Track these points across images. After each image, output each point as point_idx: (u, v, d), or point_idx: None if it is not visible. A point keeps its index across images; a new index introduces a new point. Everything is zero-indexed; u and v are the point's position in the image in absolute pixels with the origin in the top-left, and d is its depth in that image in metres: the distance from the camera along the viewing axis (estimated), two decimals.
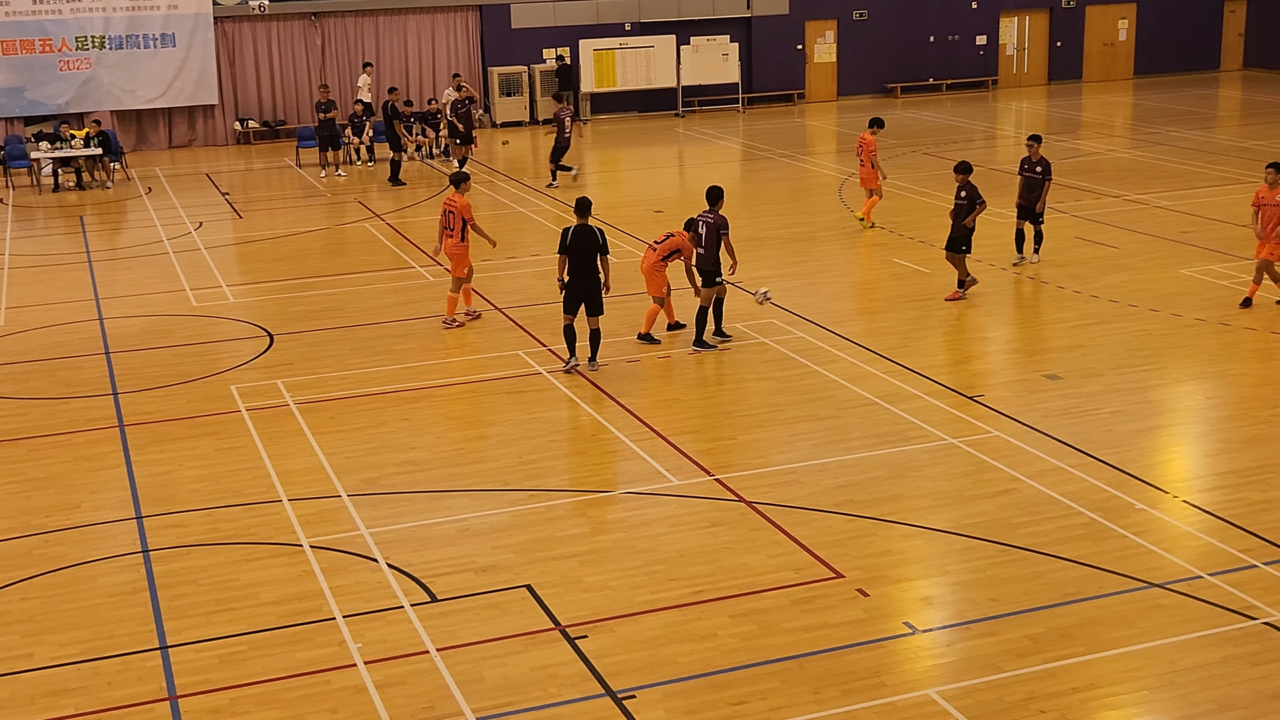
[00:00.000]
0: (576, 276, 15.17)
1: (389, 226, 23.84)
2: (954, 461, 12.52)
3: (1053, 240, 20.65)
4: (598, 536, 11.27)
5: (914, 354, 15.64)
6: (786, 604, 9.95)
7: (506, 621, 9.84)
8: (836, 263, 20.23)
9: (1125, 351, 15.54)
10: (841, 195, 25.18)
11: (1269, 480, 11.85)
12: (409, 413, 14.36)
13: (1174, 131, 31.39)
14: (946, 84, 40.08)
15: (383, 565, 10.78)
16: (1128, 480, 11.93)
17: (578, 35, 36.30)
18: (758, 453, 12.99)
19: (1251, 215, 17.06)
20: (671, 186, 27.96)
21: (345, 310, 18.43)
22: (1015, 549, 10.70)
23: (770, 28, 38.20)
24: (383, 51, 35.34)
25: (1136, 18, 41.70)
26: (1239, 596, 9.79)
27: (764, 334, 16.57)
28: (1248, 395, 14.09)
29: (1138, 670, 8.95)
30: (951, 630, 9.57)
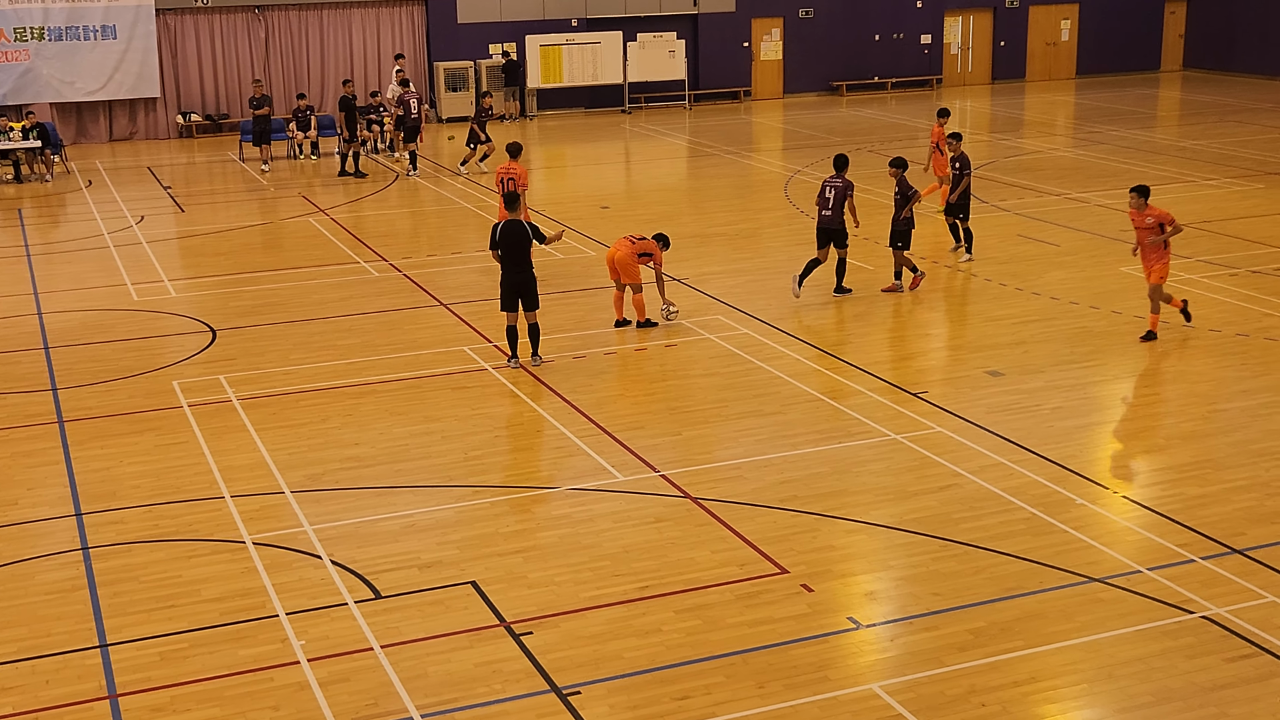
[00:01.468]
0: (509, 271, 15.10)
1: (333, 221, 23.69)
2: (897, 457, 12.60)
3: (995, 238, 20.84)
4: (542, 532, 11.26)
5: (858, 350, 15.73)
6: (731, 599, 9.98)
7: (451, 618, 9.81)
8: (781, 259, 20.30)
9: (1066, 348, 15.70)
10: (787, 192, 25.28)
11: (1206, 476, 12.01)
12: (353, 408, 14.28)
13: (1115, 131, 31.75)
14: (891, 82, 40.32)
15: (326, 562, 10.72)
16: (1068, 476, 12.06)
17: (524, 31, 36.21)
18: (703, 448, 13.02)
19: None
20: (618, 182, 27.96)
21: (289, 305, 18.30)
22: (957, 544, 10.79)
23: (717, 25, 38.27)
24: (326, 45, 35.10)
25: (1079, 18, 42.14)
26: (1176, 590, 9.92)
27: (709, 330, 16.61)
28: (1186, 392, 14.28)
29: (1077, 663, 9.06)
30: (894, 625, 9.63)
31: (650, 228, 22.73)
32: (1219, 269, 18.84)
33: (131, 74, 33.58)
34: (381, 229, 23.28)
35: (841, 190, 17.88)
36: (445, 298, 18.39)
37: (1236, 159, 27.47)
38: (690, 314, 17.30)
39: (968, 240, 19.74)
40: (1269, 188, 24.48)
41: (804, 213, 23.32)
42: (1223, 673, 8.85)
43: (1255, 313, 16.74)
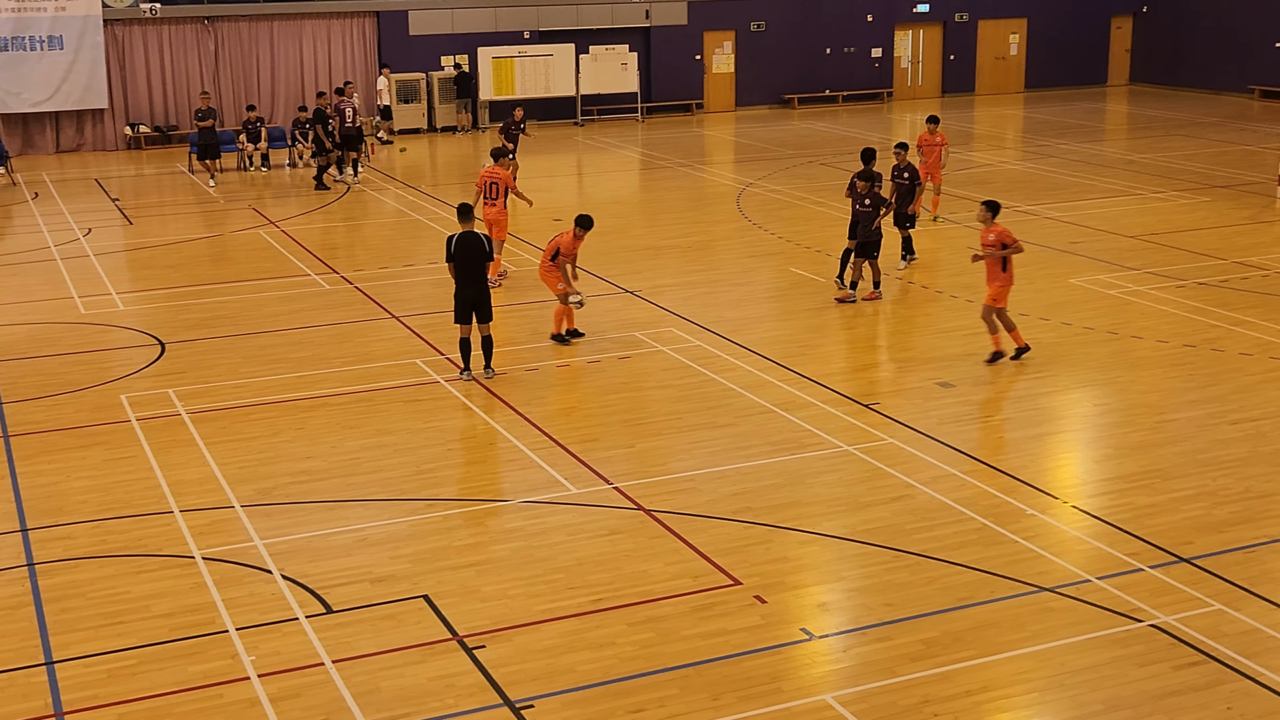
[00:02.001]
0: (463, 284, 15.05)
1: (284, 234, 23.54)
2: (849, 468, 12.65)
3: (945, 250, 21.00)
4: (496, 546, 11.21)
5: (810, 362, 15.78)
6: (685, 611, 9.97)
7: (403, 632, 9.75)
8: (734, 271, 20.36)
9: (1016, 360, 15.81)
10: (739, 205, 25.36)
11: (1155, 485, 12.13)
12: (304, 422, 14.18)
13: (1063, 144, 32.06)
14: (843, 95, 40.56)
15: (277, 576, 10.63)
16: (1019, 486, 12.14)
17: (476, 43, 36.17)
18: (656, 461, 13.02)
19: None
20: (570, 195, 27.95)
21: (239, 318, 18.16)
22: (909, 554, 10.84)
23: (669, 38, 38.38)
24: (277, 57, 34.91)
25: (1027, 33, 42.55)
26: (1126, 599, 10.01)
27: (663, 342, 16.62)
28: (1134, 402, 14.42)
29: (1029, 672, 9.11)
30: (847, 635, 9.66)
31: (603, 241, 22.75)
32: (1166, 281, 19.05)
33: (79, 85, 33.26)
34: (333, 241, 23.16)
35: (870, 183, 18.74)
36: (397, 310, 18.31)
37: (1183, 172, 27.80)
38: (644, 326, 17.31)
39: (905, 248, 20.09)
40: (1215, 201, 24.79)
41: (757, 225, 23.41)
42: (1171, 680, 8.93)
43: (1202, 324, 16.94)
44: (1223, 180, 26.78)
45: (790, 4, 39.50)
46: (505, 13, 36.72)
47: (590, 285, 19.53)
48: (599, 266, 20.57)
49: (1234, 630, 9.51)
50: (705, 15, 38.70)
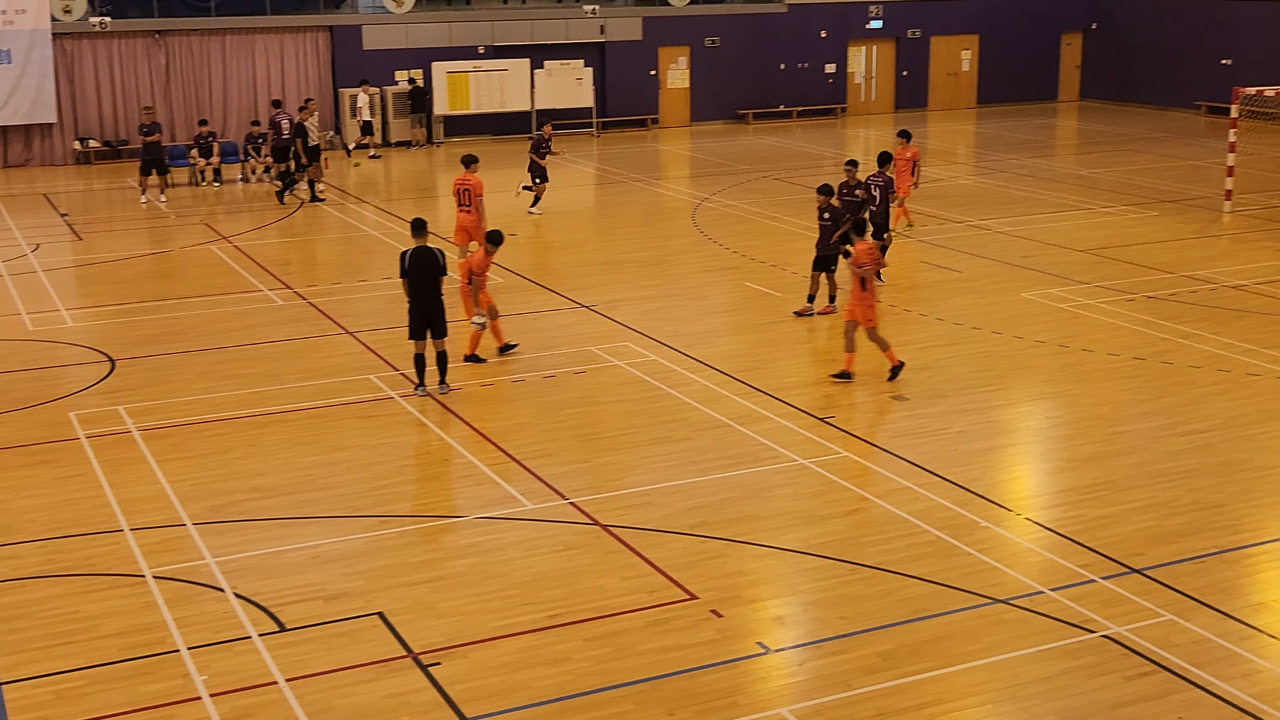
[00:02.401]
0: (419, 299, 14.99)
1: (236, 249, 23.39)
2: (805, 482, 12.68)
3: (899, 264, 21.11)
4: (451, 562, 11.16)
5: (766, 376, 15.82)
6: (641, 626, 9.96)
7: (358, 650, 9.68)
8: (690, 286, 20.39)
9: (969, 373, 15.92)
10: (695, 219, 25.41)
11: (1106, 497, 12.23)
12: (257, 438, 14.08)
13: (1014, 159, 32.34)
14: (797, 111, 40.74)
15: (229, 595, 10.53)
16: (972, 498, 12.21)
17: (431, 57, 36.08)
18: (612, 475, 13.01)
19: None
20: (525, 209, 27.90)
21: (190, 334, 18.01)
22: (865, 567, 10.87)
23: (624, 53, 38.44)
24: (229, 72, 34.69)
25: (979, 49, 42.92)
26: (1079, 610, 10.08)
27: (618, 357, 16.62)
28: (1086, 415, 14.54)
29: (983, 684, 9.15)
30: (803, 649, 9.67)
31: (558, 255, 22.77)
32: (1116, 294, 19.23)
33: (27, 99, 32.89)
34: (286, 256, 23.03)
35: (884, 187, 19.92)
36: (351, 326, 18.22)
37: (1132, 187, 28.10)
38: (599, 341, 17.30)
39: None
40: (1163, 215, 25.07)
41: (712, 240, 23.46)
42: (1123, 691, 8.99)
43: (1152, 337, 17.11)
44: (1170, 195, 27.08)
45: (744, 20, 39.67)
46: (459, 27, 36.68)
47: (545, 300, 19.51)
48: (554, 281, 20.56)
49: (1185, 640, 9.60)
50: (660, 31, 38.80)
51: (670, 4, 38.86)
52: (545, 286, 20.27)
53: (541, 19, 37.47)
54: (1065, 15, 43.43)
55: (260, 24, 34.69)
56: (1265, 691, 8.95)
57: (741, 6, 39.95)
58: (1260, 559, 11.08)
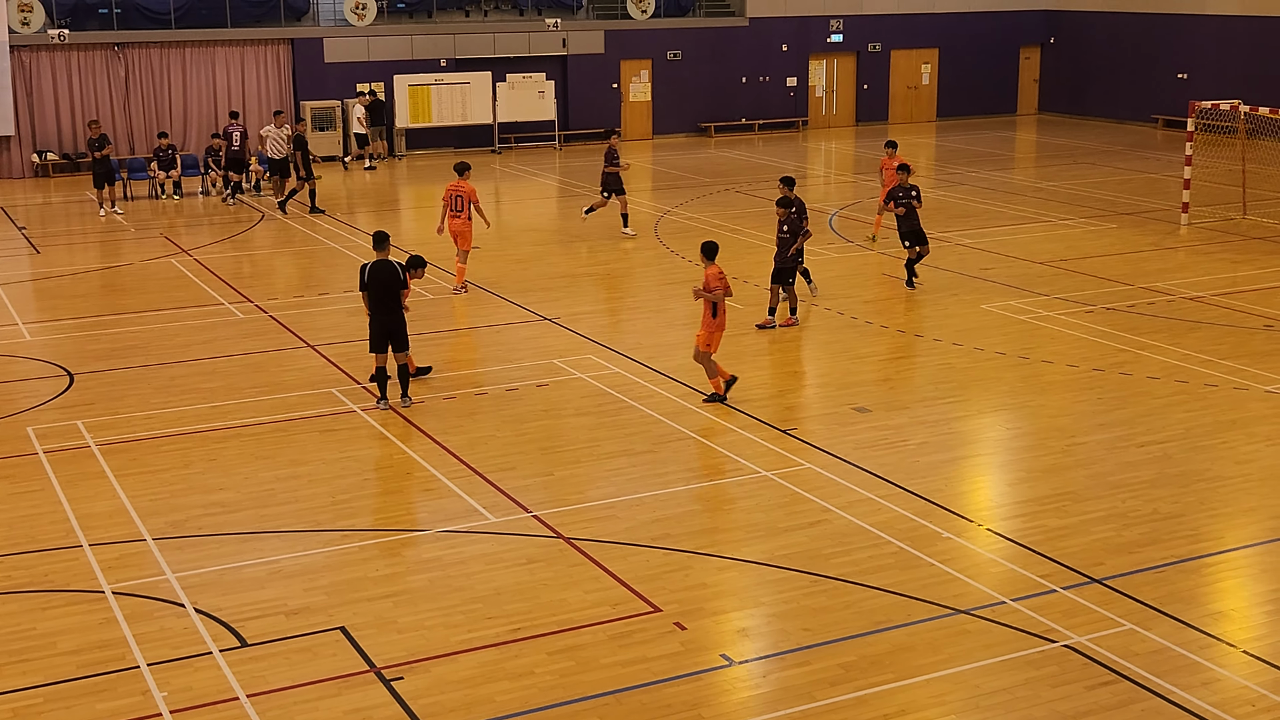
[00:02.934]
0: (378, 312, 14.95)
1: (196, 262, 23.25)
2: (767, 494, 12.70)
3: (859, 276, 21.21)
4: (413, 576, 11.12)
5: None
6: (604, 639, 9.95)
7: (319, 665, 9.62)
8: (652, 298, 20.41)
9: (930, 384, 16.00)
10: (657, 232, 25.44)
11: (1066, 507, 12.31)
12: (216, 453, 13.99)
13: (974, 172, 32.55)
14: (759, 124, 40.89)
15: (189, 610, 10.45)
16: (934, 510, 12.26)
17: (392, 70, 36.01)
18: (575, 488, 12.99)
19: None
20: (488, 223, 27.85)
21: (149, 348, 17.88)
22: (827, 579, 10.90)
23: (586, 66, 38.49)
24: (190, 84, 34.50)
25: (938, 63, 43.21)
26: (1039, 620, 10.13)
27: (581, 369, 16.61)
28: (1045, 426, 14.63)
29: (945, 695, 9.18)
30: (767, 661, 9.68)
31: (521, 268, 22.74)
32: (1074, 306, 19.38)
33: None
34: (246, 269, 22.91)
35: (915, 196, 20.59)
36: (312, 339, 18.14)
37: (1090, 199, 28.34)
38: (562, 353, 17.29)
39: (805, 276, 19.72)
40: (1120, 227, 25.29)
41: (674, 252, 23.50)
42: (1084, 700, 9.04)
43: (1110, 348, 17.24)
44: (1128, 208, 27.33)
45: (706, 33, 39.80)
46: (421, 40, 36.64)
47: (508, 312, 19.49)
48: (517, 294, 20.54)
49: (1145, 649, 9.67)
50: (622, 44, 38.87)
51: (632, 17, 38.95)
52: (507, 299, 20.25)
53: (503, 32, 37.47)
54: (1024, 30, 43.81)
55: (221, 36, 34.55)
56: (1224, 700, 9.03)
57: (703, 20, 40.09)
58: (1218, 568, 11.18)
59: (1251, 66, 37.00)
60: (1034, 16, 43.71)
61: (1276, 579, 10.92)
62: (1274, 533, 11.78)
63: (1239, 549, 11.56)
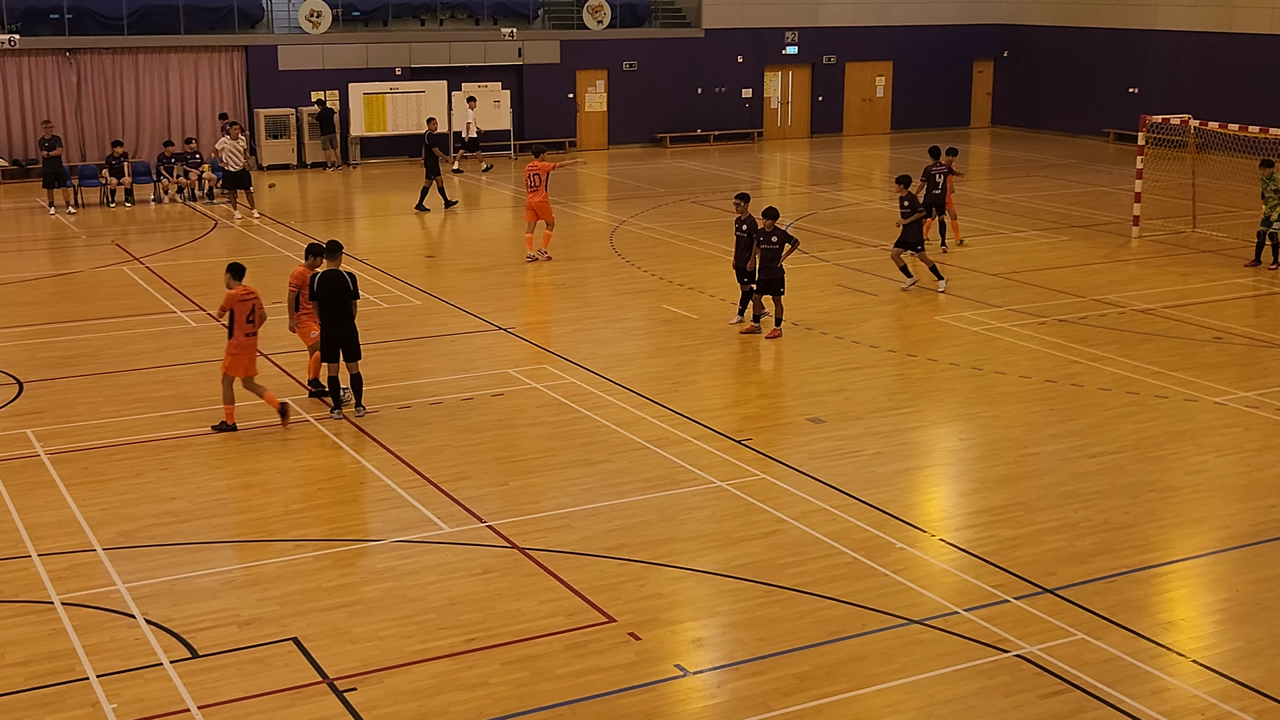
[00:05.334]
0: (329, 322, 14.87)
1: (149, 270, 23.06)
2: (722, 504, 12.72)
3: (814, 287, 21.30)
4: (367, 586, 11.06)
5: (684, 398, 15.87)
6: (559, 649, 9.93)
7: (272, 676, 9.55)
8: (608, 308, 20.41)
9: (884, 395, 16.09)
10: (613, 242, 25.46)
11: (1019, 518, 12.39)
12: (168, 462, 13.87)
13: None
14: (714, 135, 41.00)
15: (140, 621, 10.35)
16: (888, 520, 12.32)
17: (347, 79, 35.87)
18: (530, 498, 12.97)
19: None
20: (443, 231, 27.80)
21: (101, 356, 17.71)
22: (782, 589, 10.93)
23: (542, 76, 38.48)
24: (142, 91, 34.23)
25: (892, 75, 43.49)
26: (992, 630, 10.20)
27: (536, 379, 16.58)
28: (998, 436, 14.74)
29: (899, 704, 9.22)
30: (721, 671, 9.69)
31: (477, 277, 22.69)
32: (1027, 318, 19.53)
33: None
34: (199, 278, 22.71)
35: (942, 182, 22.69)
36: (265, 348, 17.99)
37: (1042, 212, 28.58)
38: (517, 363, 17.26)
39: (743, 303, 18.99)
40: (1073, 240, 25.52)
41: (630, 262, 23.51)
42: (1036, 709, 9.11)
43: (1062, 360, 17.39)
44: (1080, 220, 27.58)
45: (662, 44, 39.89)
46: (377, 49, 36.52)
47: (463, 322, 19.45)
48: (472, 303, 20.50)
49: (1096, 659, 9.75)
50: (578, 54, 38.89)
51: (588, 27, 38.98)
52: (463, 309, 20.20)
53: (459, 42, 37.40)
54: (977, 43, 44.18)
55: (174, 43, 34.31)
56: (1174, 709, 9.11)
57: (659, 31, 40.19)
58: (1168, 578, 11.29)
59: (1201, 81, 37.47)
60: (987, 30, 44.09)
61: (1225, 589, 11.05)
62: (1223, 543, 11.92)
63: (1188, 559, 11.68)
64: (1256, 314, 20.19)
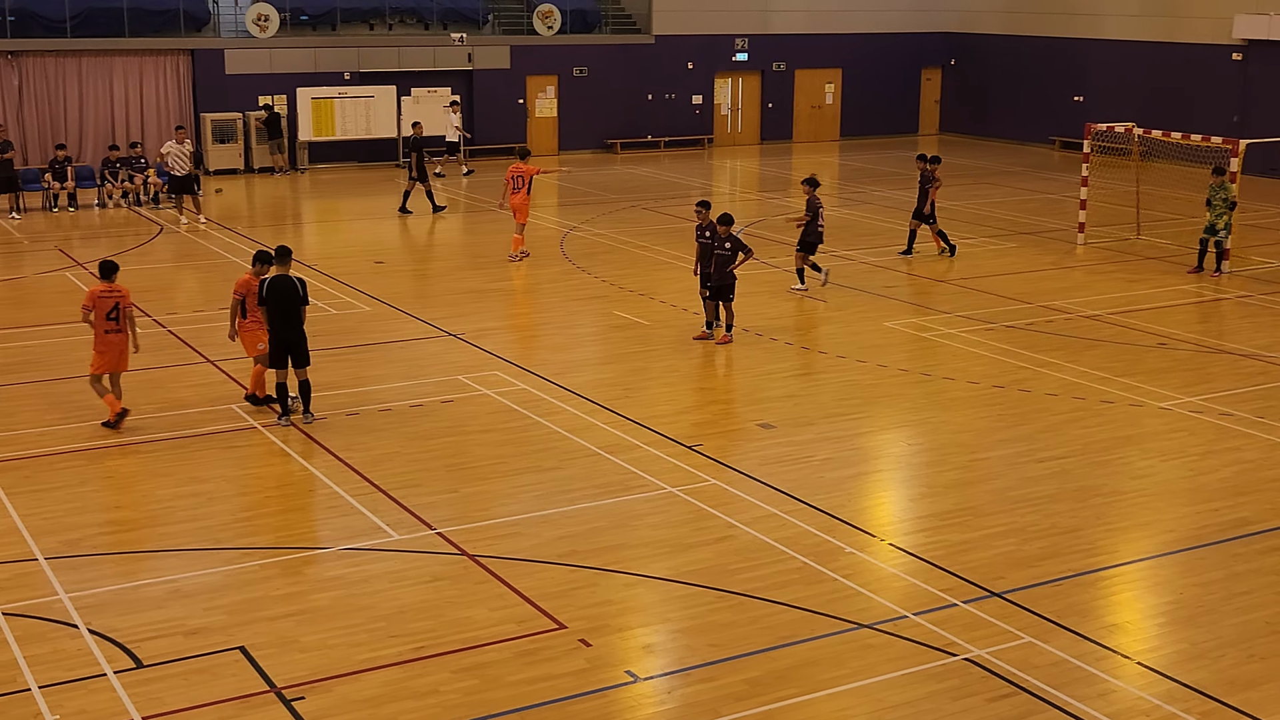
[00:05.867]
0: (278, 328, 14.78)
1: (92, 275, 22.77)
2: (674, 510, 12.72)
3: (765, 294, 21.35)
4: (315, 594, 10.97)
5: (635, 405, 15.86)
6: (510, 657, 9.89)
7: (219, 685, 9.45)
8: (559, 314, 20.38)
9: (835, 401, 16.15)
10: (563, 248, 25.43)
11: (967, 522, 12.47)
12: (113, 470, 13.71)
13: (877, 191, 32.96)
14: (665, 141, 41.06)
15: (84, 631, 10.22)
16: (838, 525, 12.36)
17: (295, 83, 35.62)
18: (481, 505, 12.92)
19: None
20: (393, 237, 27.67)
21: (43, 363, 17.49)
22: (733, 594, 10.93)
23: (492, 81, 38.39)
24: (86, 95, 33.84)
25: (841, 83, 43.72)
26: (941, 634, 10.25)
27: (487, 386, 16.52)
28: (947, 442, 14.82)
29: (849, 709, 9.25)
30: (672, 677, 9.68)
31: (427, 284, 22.60)
32: (976, 324, 19.67)
33: None
34: (144, 283, 22.46)
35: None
36: (212, 354, 17.85)
37: (990, 219, 28.81)
38: (468, 370, 17.20)
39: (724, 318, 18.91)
40: (1020, 247, 25.73)
41: (581, 269, 23.49)
42: (985, 713, 9.15)
43: (1011, 365, 17.53)
44: (1027, 227, 27.82)
45: (612, 50, 39.91)
46: (325, 53, 36.30)
47: (413, 328, 19.35)
48: (422, 309, 20.41)
49: (1044, 662, 9.81)
50: (528, 59, 38.84)
51: (538, 33, 38.93)
52: (413, 315, 20.10)
53: (408, 47, 37.26)
54: (925, 51, 44.50)
55: (118, 46, 33.95)
56: (1120, 711, 9.19)
57: (609, 37, 40.20)
58: (1115, 582, 11.39)
59: (1145, 90, 37.93)
60: (935, 38, 44.43)
61: (1170, 592, 11.16)
62: (1168, 546, 12.04)
63: (1134, 562, 11.79)
64: (1200, 320, 20.44)
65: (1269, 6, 35.16)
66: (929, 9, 44.16)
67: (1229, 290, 22.16)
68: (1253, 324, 19.91)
